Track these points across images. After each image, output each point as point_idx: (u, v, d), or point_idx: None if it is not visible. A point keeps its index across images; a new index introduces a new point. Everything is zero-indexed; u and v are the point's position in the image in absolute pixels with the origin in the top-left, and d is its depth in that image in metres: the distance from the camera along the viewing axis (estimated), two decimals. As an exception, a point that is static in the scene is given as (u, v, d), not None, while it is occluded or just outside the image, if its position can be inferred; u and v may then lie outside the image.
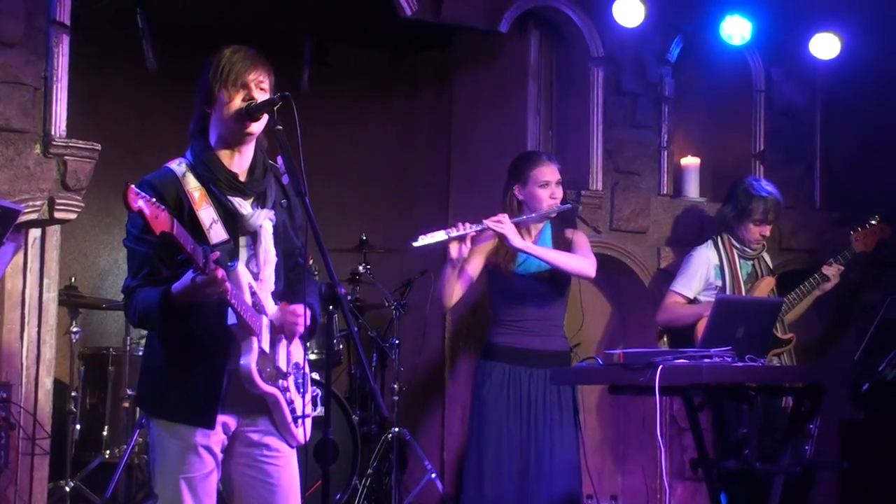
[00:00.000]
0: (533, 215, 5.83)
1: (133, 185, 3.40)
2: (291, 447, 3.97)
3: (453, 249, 5.60)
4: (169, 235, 3.45)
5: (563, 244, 5.90)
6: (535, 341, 5.83)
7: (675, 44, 7.60)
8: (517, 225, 5.73)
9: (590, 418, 7.28)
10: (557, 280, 5.86)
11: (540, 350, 5.82)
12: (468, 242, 5.64)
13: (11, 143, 5.59)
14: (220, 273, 3.55)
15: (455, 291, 5.78)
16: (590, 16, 7.31)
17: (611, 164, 7.42)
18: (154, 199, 3.44)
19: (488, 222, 5.64)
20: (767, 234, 6.74)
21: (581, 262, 5.83)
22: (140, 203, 3.38)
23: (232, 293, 3.63)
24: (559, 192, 5.87)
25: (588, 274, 5.85)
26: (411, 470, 7.30)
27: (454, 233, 5.58)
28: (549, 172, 5.86)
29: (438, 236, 5.60)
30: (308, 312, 3.85)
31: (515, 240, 5.65)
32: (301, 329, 3.88)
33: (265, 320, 3.83)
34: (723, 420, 5.28)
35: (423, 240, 5.60)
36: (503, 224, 5.65)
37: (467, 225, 5.60)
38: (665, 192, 7.62)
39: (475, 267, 5.86)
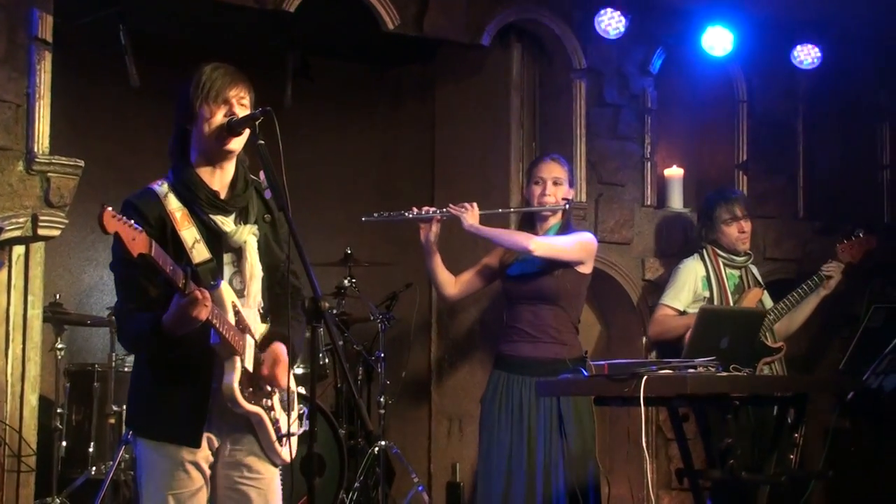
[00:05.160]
0: (511, 210, 5.90)
1: (109, 208, 3.39)
2: (276, 465, 3.96)
3: (422, 234, 5.76)
4: (147, 257, 3.45)
5: None
6: (525, 348, 5.81)
7: (657, 55, 7.63)
8: (496, 218, 5.81)
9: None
10: (543, 280, 5.81)
11: (529, 357, 5.79)
12: (433, 227, 5.75)
13: (-6, 161, 5.59)
14: (200, 293, 3.54)
15: (446, 279, 5.92)
16: (571, 28, 7.34)
17: (594, 176, 7.44)
18: (132, 222, 3.43)
19: (451, 207, 5.77)
20: (747, 229, 6.73)
21: (519, 238, 5.80)
22: (116, 225, 3.38)
23: (214, 312, 3.63)
24: (552, 191, 5.86)
25: (523, 246, 5.73)
26: (399, 483, 7.30)
27: (409, 215, 5.73)
28: (545, 169, 5.89)
29: (393, 217, 5.78)
30: (285, 350, 3.86)
31: (467, 221, 5.72)
32: (283, 384, 3.90)
33: (249, 339, 3.82)
34: (708, 430, 5.29)
35: (376, 216, 5.80)
36: (465, 209, 5.73)
37: (426, 208, 5.76)
38: (649, 203, 7.63)
39: (484, 264, 5.97)
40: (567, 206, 5.93)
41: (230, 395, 3.76)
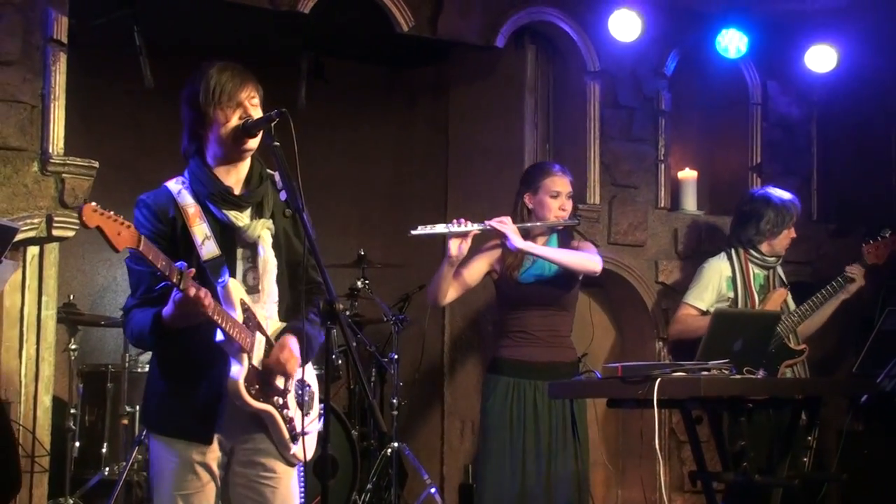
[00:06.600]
0: (538, 224, 5.81)
1: (91, 203, 3.39)
2: (291, 465, 3.94)
3: (453, 246, 5.57)
4: (136, 252, 3.46)
5: None
6: (540, 353, 5.77)
7: (672, 57, 7.62)
8: (523, 232, 5.72)
9: (590, 432, 7.27)
10: (562, 288, 5.80)
11: (545, 362, 5.75)
12: (468, 241, 5.61)
13: (9, 162, 5.60)
14: (195, 291, 3.54)
15: (450, 291, 5.76)
16: (586, 30, 7.33)
17: (608, 178, 7.43)
18: (121, 217, 3.43)
19: (491, 222, 5.64)
20: (794, 234, 6.69)
21: (584, 257, 5.77)
22: (98, 220, 3.37)
23: (215, 310, 3.63)
24: (568, 206, 5.86)
25: (593, 269, 5.77)
26: (411, 484, 7.30)
27: (455, 228, 5.56)
28: (561, 184, 5.85)
29: (438, 228, 5.61)
30: (299, 345, 3.82)
31: (516, 240, 5.61)
32: (292, 371, 3.85)
33: (259, 336, 3.81)
34: (721, 432, 5.28)
35: (422, 230, 5.61)
36: (506, 224, 5.65)
37: (468, 222, 5.58)
38: (662, 205, 7.63)
39: (475, 272, 5.84)
40: (578, 222, 6.03)
41: (235, 391, 3.74)
